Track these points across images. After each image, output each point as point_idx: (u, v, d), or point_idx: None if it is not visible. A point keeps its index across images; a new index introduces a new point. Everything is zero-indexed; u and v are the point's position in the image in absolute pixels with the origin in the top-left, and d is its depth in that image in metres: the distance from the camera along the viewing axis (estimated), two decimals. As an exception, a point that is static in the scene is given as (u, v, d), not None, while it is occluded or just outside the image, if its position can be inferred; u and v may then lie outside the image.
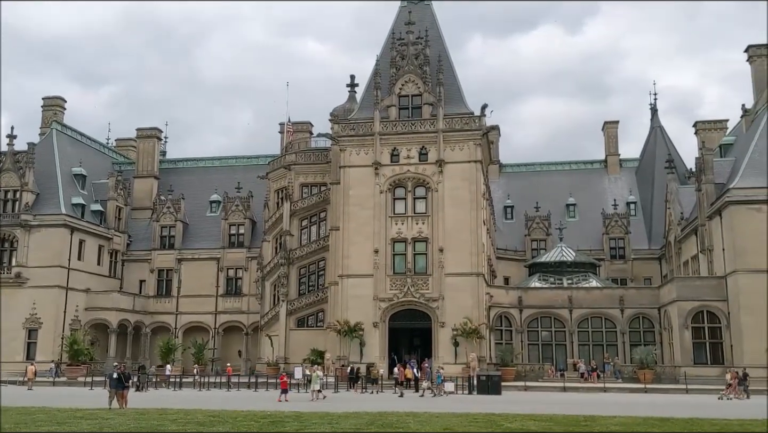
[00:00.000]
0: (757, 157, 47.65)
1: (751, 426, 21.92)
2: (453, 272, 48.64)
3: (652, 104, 74.98)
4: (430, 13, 57.00)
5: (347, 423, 22.37)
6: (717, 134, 66.35)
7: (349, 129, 52.07)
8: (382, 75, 52.73)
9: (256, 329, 60.61)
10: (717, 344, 46.35)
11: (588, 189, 69.86)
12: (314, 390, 33.82)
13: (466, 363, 45.13)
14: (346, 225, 50.65)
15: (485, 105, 51.25)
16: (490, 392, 38.45)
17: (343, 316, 49.11)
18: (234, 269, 64.93)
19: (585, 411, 26.69)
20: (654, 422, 22.75)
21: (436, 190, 50.04)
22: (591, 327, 52.60)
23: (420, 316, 49.36)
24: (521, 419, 23.46)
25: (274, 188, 60.27)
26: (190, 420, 23.18)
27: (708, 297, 46.67)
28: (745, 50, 55.67)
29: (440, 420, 23.36)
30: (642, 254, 65.07)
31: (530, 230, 66.73)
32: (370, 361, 46.57)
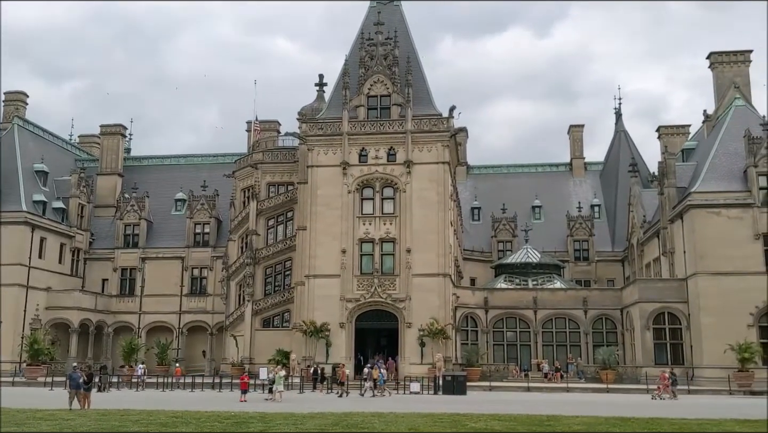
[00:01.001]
0: (717, 162, 48.73)
1: (709, 426, 22.39)
2: (420, 273, 48.80)
3: (617, 109, 76.26)
4: (399, 14, 57.12)
5: (312, 423, 22.29)
6: (679, 139, 67.80)
7: (317, 128, 51.91)
8: (351, 75, 52.68)
9: (221, 329, 60.06)
10: (677, 345, 47.27)
11: (553, 191, 70.73)
12: (278, 391, 33.72)
13: (432, 363, 45.29)
14: (313, 225, 50.48)
15: (453, 107, 51.57)
16: (455, 393, 38.67)
17: (309, 316, 48.93)
18: (199, 268, 64.33)
19: (548, 411, 26.98)
20: (615, 422, 23.10)
21: (404, 191, 50.15)
22: (555, 328, 53.24)
23: (387, 316, 49.42)
24: (486, 419, 23.63)
25: (241, 187, 59.81)
26: (152, 421, 22.88)
27: (669, 299, 47.58)
28: (707, 57, 56.82)
29: (405, 420, 23.41)
30: (605, 256, 66.11)
31: (497, 232, 67.33)
32: (336, 361, 46.45)
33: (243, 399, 32.97)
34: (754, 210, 45.67)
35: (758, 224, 45.43)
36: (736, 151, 48.39)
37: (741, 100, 53.13)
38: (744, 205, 45.91)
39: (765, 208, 45.69)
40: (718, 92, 56.40)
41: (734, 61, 55.60)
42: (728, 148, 49.09)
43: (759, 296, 44.51)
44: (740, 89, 54.18)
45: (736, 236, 45.42)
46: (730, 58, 55.68)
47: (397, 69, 52.28)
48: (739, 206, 45.95)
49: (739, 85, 54.42)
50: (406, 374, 44.49)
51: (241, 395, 33.69)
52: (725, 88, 55.30)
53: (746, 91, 54.52)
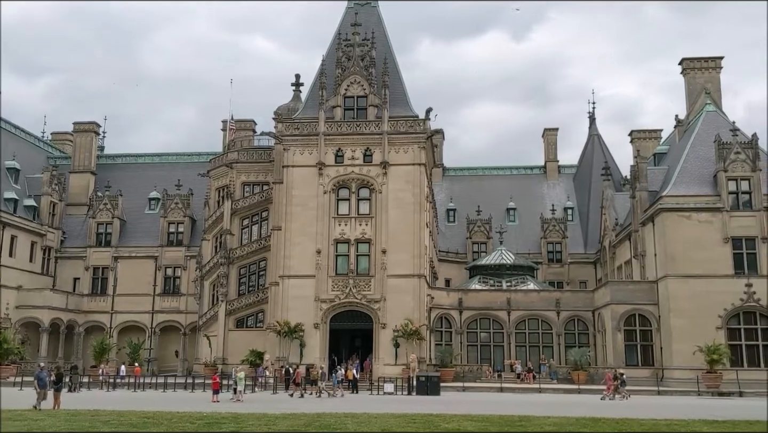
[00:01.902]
0: (688, 167, 49.52)
1: (678, 426, 22.75)
2: (395, 274, 48.89)
3: (591, 113, 77.18)
4: (376, 15, 57.20)
5: (284, 424, 22.24)
6: (651, 143, 68.83)
7: (293, 128, 51.77)
8: (328, 75, 52.62)
9: (194, 329, 59.64)
10: (648, 346, 47.94)
11: (528, 194, 71.37)
12: (239, 391, 33.63)
13: (406, 364, 45.41)
14: (288, 225, 50.33)
15: (430, 109, 51.79)
16: (429, 393, 38.79)
17: (283, 317, 48.78)
18: (172, 267, 63.83)
19: (521, 411, 27.20)
20: (586, 422, 23.36)
21: (380, 192, 50.22)
22: (528, 329, 53.66)
23: (361, 317, 49.44)
24: (458, 420, 23.76)
25: (215, 186, 59.45)
26: (123, 422, 22.66)
27: (640, 301, 48.24)
28: (679, 63, 57.71)
29: (378, 421, 23.46)
30: (578, 258, 66.84)
31: (471, 233, 67.72)
32: (310, 362, 46.34)
33: (215, 399, 32.81)
34: (723, 214, 46.48)
35: (727, 227, 46.24)
36: (706, 156, 49.20)
37: (712, 106, 54.04)
38: (714, 209, 46.70)
39: (734, 212, 46.53)
40: (689, 98, 57.33)
41: (705, 67, 56.56)
42: (699, 153, 49.90)
43: (728, 299, 45.31)
44: (711, 95, 55.13)
45: (705, 239, 46.19)
46: (701, 65, 56.64)
47: (374, 70, 52.33)
48: (709, 210, 46.73)
49: (710, 91, 55.36)
50: (380, 375, 44.54)
51: (213, 395, 33.53)
52: (696, 93, 56.24)
53: (717, 97, 55.49)
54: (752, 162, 46.96)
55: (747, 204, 46.82)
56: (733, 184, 47.22)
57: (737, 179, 47.19)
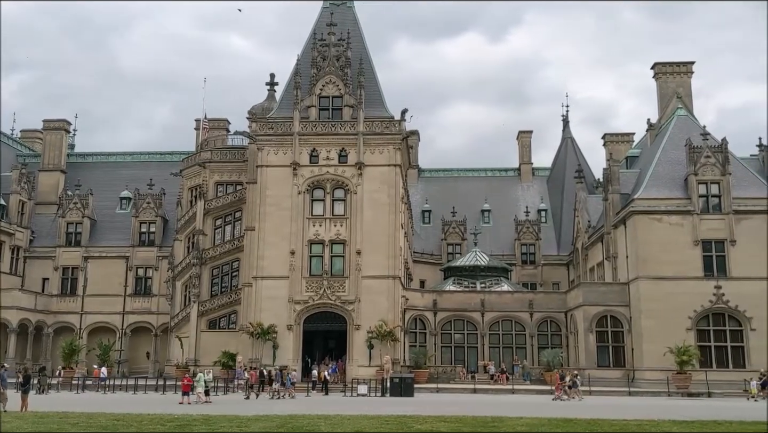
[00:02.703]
0: (660, 170, 50.13)
1: (647, 426, 22.97)
2: (370, 275, 48.78)
3: (564, 116, 77.94)
4: (352, 16, 57.09)
5: (257, 426, 22.05)
6: (624, 146, 69.66)
7: (267, 128, 51.45)
8: (303, 75, 52.37)
9: (165, 330, 58.99)
10: (619, 348, 48.41)
11: (502, 196, 71.83)
12: (198, 393, 33.25)
13: (380, 365, 45.33)
14: (262, 225, 49.99)
15: (405, 110, 51.80)
16: (402, 394, 38.76)
17: (256, 318, 48.42)
18: (144, 268, 63.09)
19: (493, 412, 27.29)
20: (558, 423, 23.48)
21: (355, 193, 50.10)
22: (502, 330, 53.89)
23: (335, 318, 49.25)
24: (432, 421, 23.75)
25: (188, 186, 58.87)
26: (92, 424, 22.31)
27: (612, 302, 48.70)
28: (651, 67, 58.42)
29: (351, 422, 23.37)
30: (551, 259, 67.40)
31: (446, 235, 67.92)
32: (284, 364, 46.03)
33: (184, 401, 32.33)
34: (693, 217, 47.13)
35: (697, 230, 46.89)
36: (677, 159, 49.86)
37: (683, 110, 54.80)
38: (684, 212, 47.33)
39: (704, 215, 47.20)
40: (661, 102, 58.08)
41: (677, 72, 57.33)
42: (670, 157, 50.55)
43: (697, 301, 45.92)
44: (682, 99, 55.89)
45: (676, 241, 46.78)
46: (673, 69, 57.40)
47: (349, 70, 52.21)
48: (680, 213, 47.35)
49: (682, 96, 56.13)
50: (354, 376, 44.41)
51: (183, 396, 33.05)
52: (668, 97, 56.98)
53: (688, 102, 56.27)
54: (722, 166, 47.67)
55: (717, 207, 47.52)
56: (704, 188, 47.89)
57: (707, 183, 47.88)
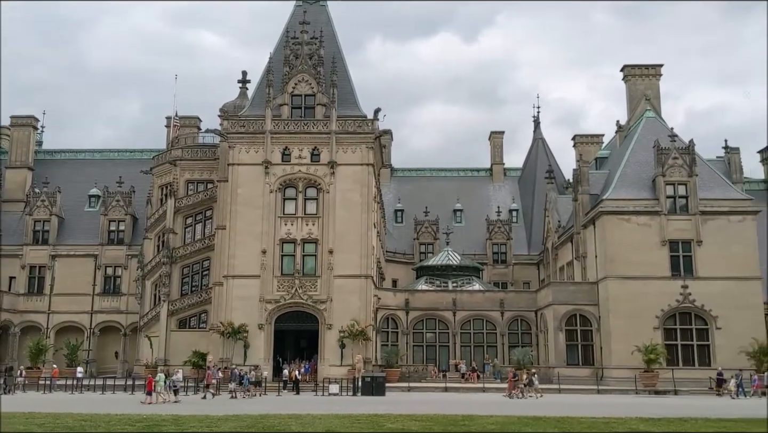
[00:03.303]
0: (628, 171, 50.86)
1: (615, 424, 23.31)
2: (342, 274, 48.72)
3: (535, 117, 78.68)
4: (325, 14, 56.96)
5: (227, 426, 21.93)
6: (594, 148, 70.57)
7: (239, 126, 51.13)
8: (275, 73, 52.12)
9: (135, 329, 58.30)
10: (588, 346, 49.03)
11: (474, 196, 72.29)
12: (158, 392, 32.95)
13: (352, 365, 45.33)
14: (233, 224, 49.65)
15: (378, 109, 51.83)
16: (374, 393, 38.82)
17: (227, 317, 48.10)
18: (113, 266, 62.32)
19: (464, 411, 27.46)
20: (528, 421, 23.73)
21: (328, 192, 50.00)
22: (473, 329, 54.23)
23: (307, 318, 49.11)
24: (403, 420, 23.84)
25: (159, 184, 58.24)
26: (59, 424, 22.01)
27: (581, 301, 49.30)
28: (621, 69, 59.19)
29: (323, 422, 23.35)
30: (522, 259, 68.00)
31: (419, 234, 68.14)
32: (254, 363, 45.86)
33: (149, 401, 31.94)
34: (661, 217, 47.89)
35: (665, 230, 47.67)
36: (645, 160, 50.60)
37: (651, 112, 55.64)
38: (652, 212, 48.08)
39: (671, 216, 48.00)
40: (630, 103, 58.88)
41: (646, 74, 58.14)
42: (638, 158, 51.29)
43: (665, 300, 46.69)
44: (651, 101, 56.72)
45: (644, 242, 47.51)
46: (642, 72, 58.20)
47: (322, 69, 52.08)
48: (648, 214, 48.10)
49: (650, 98, 56.96)
50: (325, 376, 44.35)
51: (146, 396, 32.66)
52: (637, 99, 57.79)
53: (656, 104, 57.12)
54: (689, 167, 48.51)
55: (684, 208, 48.35)
56: (671, 189, 48.70)
57: (674, 184, 48.70)
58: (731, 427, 22.67)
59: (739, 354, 43.91)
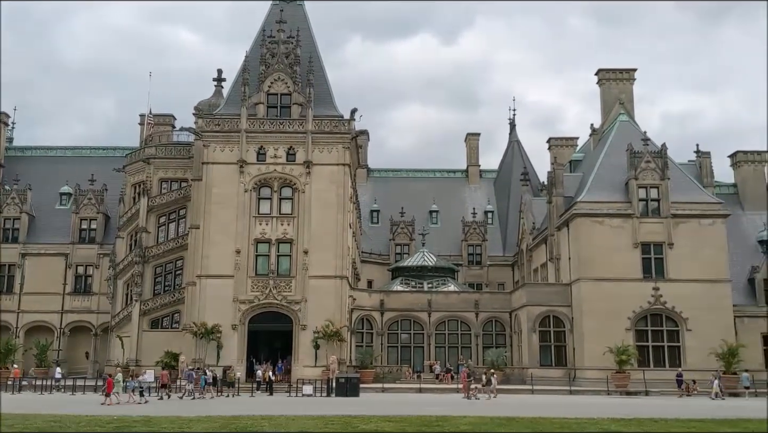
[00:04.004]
0: (602, 174, 51.35)
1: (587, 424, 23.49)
2: (317, 275, 48.52)
3: (511, 120, 79.18)
4: (302, 14, 56.73)
5: (199, 427, 21.73)
6: (568, 150, 71.18)
7: (213, 124, 50.71)
8: (251, 72, 51.78)
9: (106, 329, 57.57)
10: (561, 347, 49.39)
11: (450, 197, 72.53)
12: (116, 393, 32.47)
13: (326, 366, 45.17)
14: (207, 224, 49.22)
15: (355, 109, 51.71)
16: (348, 395, 38.73)
17: (200, 317, 47.65)
18: (84, 265, 61.52)
19: (438, 412, 27.49)
20: (501, 421, 23.84)
21: (303, 192, 49.78)
22: (448, 330, 54.35)
23: (281, 318, 48.82)
24: (376, 421, 23.80)
25: (131, 182, 57.56)
26: (29, 426, 21.65)
27: (554, 303, 49.66)
28: (595, 73, 59.80)
29: (296, 423, 23.23)
30: (497, 260, 68.37)
31: (395, 235, 68.15)
32: (228, 364, 45.52)
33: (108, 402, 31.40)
34: (633, 220, 48.43)
35: (637, 233, 48.20)
36: (619, 164, 51.12)
37: (625, 116, 56.26)
38: (625, 215, 48.59)
39: (644, 218, 48.56)
40: (604, 107, 59.55)
41: (620, 78, 58.86)
42: (612, 161, 51.80)
43: (636, 302, 47.20)
44: (625, 105, 57.42)
45: (616, 244, 47.99)
46: (616, 76, 58.91)
47: (298, 68, 51.86)
48: (621, 216, 48.59)
49: (624, 102, 57.67)
50: (299, 377, 44.13)
51: (105, 397, 32.14)
52: (611, 103, 58.46)
53: (630, 108, 57.82)
54: (661, 171, 49.12)
55: (656, 211, 48.94)
56: (643, 192, 49.26)
57: (647, 187, 49.27)
58: (700, 427, 22.97)
59: (709, 355, 44.58)
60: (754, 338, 49.49)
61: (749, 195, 59.91)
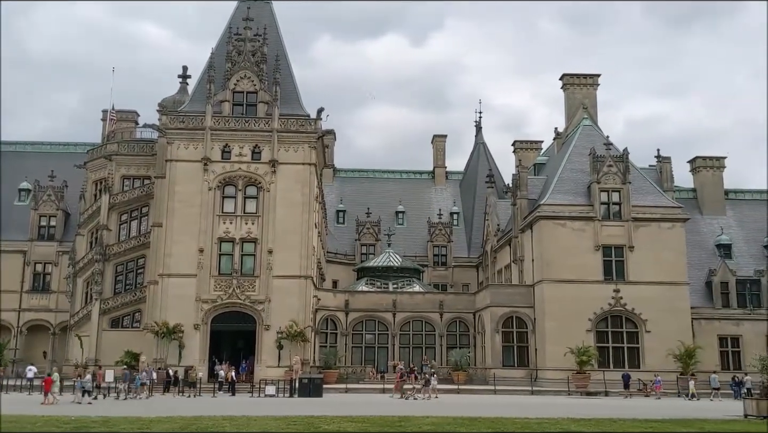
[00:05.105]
0: (565, 177, 52.08)
1: (547, 424, 23.76)
2: (281, 274, 48.26)
3: (477, 122, 79.74)
4: (269, 12, 56.38)
5: (159, 427, 21.45)
6: (533, 153, 72.01)
7: (178, 121, 50.12)
8: (217, 69, 51.30)
9: (65, 328, 56.41)
10: (524, 348, 49.92)
11: (416, 198, 72.77)
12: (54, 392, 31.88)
13: (290, 366, 44.95)
14: (170, 222, 48.60)
15: (321, 108, 51.57)
16: (311, 395, 38.62)
17: (162, 317, 47.05)
18: (43, 263, 60.34)
19: (400, 412, 27.58)
20: (463, 421, 23.97)
21: (268, 191, 49.49)
22: (412, 330, 54.50)
23: (245, 318, 48.46)
24: (339, 421, 23.76)
25: (93, 179, 56.54)
26: (-21, 428, 21.08)
27: (517, 304, 50.16)
28: (560, 78, 60.58)
29: (258, 423, 23.08)
30: (462, 261, 68.77)
31: (360, 235, 68.10)
32: (190, 364, 45.03)
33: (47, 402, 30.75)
34: (595, 223, 49.18)
35: (598, 236, 48.97)
36: (581, 167, 51.90)
37: (588, 121, 57.11)
38: (587, 218, 49.32)
39: (605, 221, 49.34)
40: (568, 111, 60.39)
41: (584, 83, 59.79)
42: (575, 165, 52.58)
43: (597, 303, 47.96)
44: (588, 110, 58.31)
45: (578, 246, 48.70)
46: (580, 81, 59.81)
47: (265, 66, 51.53)
48: (583, 219, 49.30)
49: (587, 107, 58.57)
50: (262, 377, 43.85)
51: (44, 397, 31.41)
52: (575, 108, 59.33)
53: (594, 112, 58.75)
54: (623, 175, 49.96)
55: (617, 214, 49.77)
56: (605, 196, 50.06)
57: (609, 191, 50.07)
58: (657, 427, 23.41)
59: (667, 357, 45.51)
60: (711, 339, 50.70)
61: (707, 200, 61.32)
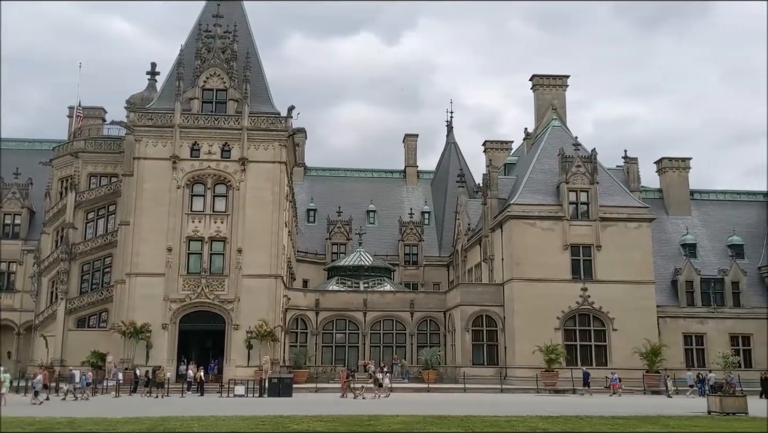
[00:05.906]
0: (534, 177, 52.56)
1: (516, 422, 23.96)
2: (251, 274, 47.92)
3: (448, 122, 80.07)
4: (240, 10, 55.89)
5: (126, 428, 21.17)
6: (503, 153, 72.50)
7: (146, 119, 49.48)
8: (187, 66, 50.77)
9: (29, 328, 55.38)
10: (493, 346, 50.27)
11: (388, 197, 72.79)
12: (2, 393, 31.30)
13: (259, 366, 44.67)
14: (137, 220, 47.99)
15: (292, 107, 51.31)
16: (281, 395, 38.41)
17: (129, 316, 46.44)
18: (7, 262, 59.10)
19: (370, 411, 27.58)
20: (433, 420, 24.04)
21: (238, 189, 49.11)
22: (383, 329, 54.54)
23: (214, 318, 48.03)
24: (308, 421, 23.68)
25: (59, 177, 55.61)
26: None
27: (487, 302, 50.50)
28: (530, 79, 61.09)
29: (226, 423, 22.90)
30: (433, 260, 68.98)
31: (331, 234, 67.93)
32: (157, 364, 44.47)
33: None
34: (564, 222, 49.72)
35: (567, 235, 49.52)
36: (551, 168, 52.42)
37: (557, 122, 57.70)
38: (556, 217, 49.83)
39: (573, 221, 49.90)
40: (538, 112, 60.93)
41: (553, 84, 60.36)
42: (544, 165, 53.08)
43: (565, 302, 48.50)
44: (557, 111, 58.88)
45: (547, 245, 49.19)
46: (549, 82, 60.37)
47: (235, 64, 51.13)
48: (552, 219, 49.81)
49: (557, 107, 59.14)
50: (231, 377, 43.50)
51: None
52: (544, 108, 59.86)
53: (563, 113, 59.35)
54: (591, 175, 50.57)
55: (585, 214, 50.37)
56: (573, 195, 50.63)
57: (577, 191, 50.65)
58: (623, 424, 23.74)
59: (633, 354, 46.17)
60: (676, 337, 51.62)
61: (673, 200, 62.35)
